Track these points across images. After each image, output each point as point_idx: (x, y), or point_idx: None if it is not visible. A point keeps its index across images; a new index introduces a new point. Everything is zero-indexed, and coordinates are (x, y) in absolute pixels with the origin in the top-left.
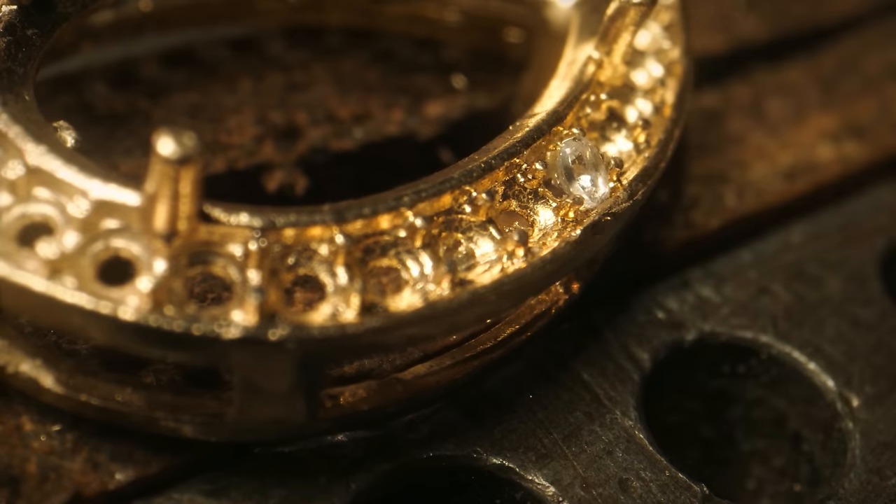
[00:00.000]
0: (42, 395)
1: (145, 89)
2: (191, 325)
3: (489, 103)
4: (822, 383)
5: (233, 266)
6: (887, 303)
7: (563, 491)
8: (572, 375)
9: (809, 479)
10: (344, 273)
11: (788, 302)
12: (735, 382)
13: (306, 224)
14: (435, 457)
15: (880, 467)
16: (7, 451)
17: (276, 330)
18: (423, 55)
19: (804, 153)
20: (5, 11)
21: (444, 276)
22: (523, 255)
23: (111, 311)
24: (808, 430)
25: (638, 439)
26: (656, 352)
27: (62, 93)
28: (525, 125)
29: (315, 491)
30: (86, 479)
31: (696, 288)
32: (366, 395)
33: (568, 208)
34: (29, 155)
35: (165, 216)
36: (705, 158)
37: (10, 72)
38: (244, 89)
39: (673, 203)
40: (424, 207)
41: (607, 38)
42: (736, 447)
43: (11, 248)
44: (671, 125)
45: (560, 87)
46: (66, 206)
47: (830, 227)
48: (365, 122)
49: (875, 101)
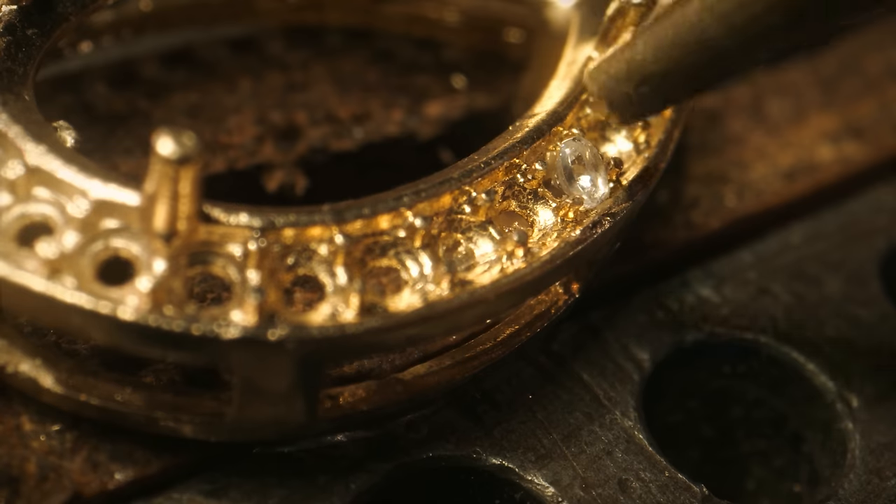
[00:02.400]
0: (42, 394)
1: (145, 89)
2: (190, 325)
3: (489, 103)
4: (821, 384)
5: (232, 266)
6: (887, 303)
7: (563, 491)
8: (572, 376)
9: (809, 480)
10: (343, 273)
11: (788, 302)
12: (735, 383)
13: (306, 224)
14: (434, 457)
15: (880, 468)
16: (6, 450)
17: (276, 330)
18: (423, 55)
19: (804, 153)
20: (5, 11)
21: (443, 277)
22: (523, 256)
23: (111, 310)
24: (808, 430)
25: (637, 440)
26: (656, 352)
27: (62, 93)
28: (525, 125)
29: (314, 491)
30: (85, 478)
31: (696, 288)
32: (365, 396)
33: (568, 208)
34: (29, 155)
35: (165, 216)
36: (705, 158)
37: (10, 71)
38: (244, 89)
39: (673, 203)
40: (424, 207)
41: (607, 39)
42: (736, 447)
43: (11, 247)
44: (671, 125)
45: (560, 88)
46: (66, 205)
47: (830, 228)
48: (365, 122)
49: (875, 102)
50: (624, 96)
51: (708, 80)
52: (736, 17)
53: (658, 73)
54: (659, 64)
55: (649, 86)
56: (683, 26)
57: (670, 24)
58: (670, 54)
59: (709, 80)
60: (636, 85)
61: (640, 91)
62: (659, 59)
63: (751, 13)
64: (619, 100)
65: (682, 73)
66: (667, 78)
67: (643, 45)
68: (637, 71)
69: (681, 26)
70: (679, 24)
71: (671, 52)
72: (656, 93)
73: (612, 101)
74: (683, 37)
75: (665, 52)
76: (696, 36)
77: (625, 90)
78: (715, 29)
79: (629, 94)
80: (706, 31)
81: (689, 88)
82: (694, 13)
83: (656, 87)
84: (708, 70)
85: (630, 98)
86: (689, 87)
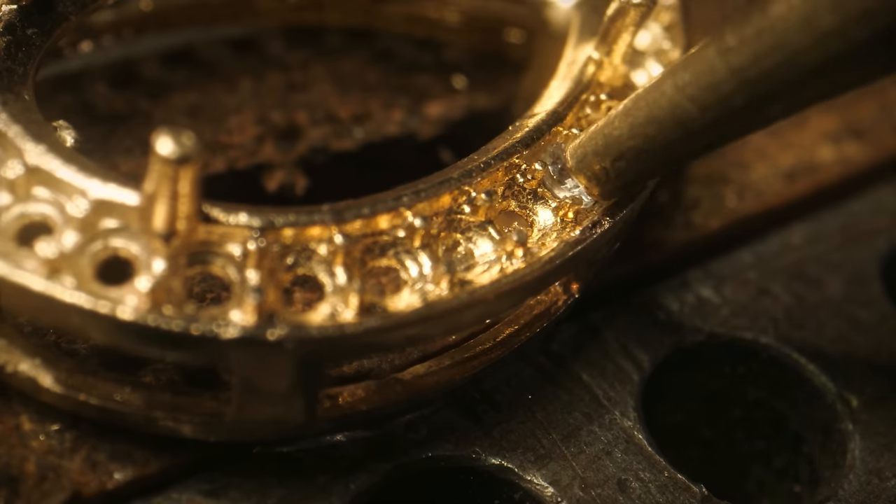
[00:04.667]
0: (41, 394)
1: (145, 89)
2: (189, 325)
3: (489, 103)
4: (822, 384)
5: (232, 266)
6: (888, 304)
7: (562, 491)
8: (571, 376)
9: (809, 480)
10: (343, 273)
11: (788, 303)
12: (735, 383)
13: (305, 224)
14: (434, 457)
15: (880, 468)
16: (6, 450)
17: (275, 330)
18: (423, 55)
19: (805, 154)
20: (5, 11)
21: (443, 277)
22: (522, 256)
23: (110, 310)
24: (808, 431)
25: (637, 440)
26: (656, 353)
27: (62, 92)
28: (525, 125)
29: (314, 491)
30: (84, 478)
31: (696, 289)
32: (365, 396)
33: (567, 208)
34: (28, 154)
35: (164, 216)
36: (705, 159)
37: (10, 71)
38: (244, 89)
39: (673, 203)
40: (423, 207)
41: (607, 39)
42: (736, 448)
43: (10, 247)
44: None
45: (560, 88)
46: (66, 205)
47: (831, 229)
48: (365, 122)
49: (875, 102)
50: (601, 171)
51: (683, 156)
52: (709, 99)
53: (634, 149)
54: (635, 140)
55: (626, 160)
56: (657, 104)
57: (645, 103)
58: (646, 131)
59: (684, 156)
60: (613, 160)
61: (616, 166)
62: (635, 135)
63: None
64: (596, 174)
65: (657, 149)
66: (642, 153)
67: (619, 122)
68: (614, 146)
69: (654, 105)
70: (653, 102)
71: (646, 129)
72: (633, 168)
73: (590, 176)
74: (657, 114)
75: (640, 128)
76: (670, 114)
77: (602, 165)
78: (687, 108)
79: (606, 168)
80: (678, 108)
81: (665, 163)
82: (668, 92)
83: (632, 162)
84: (682, 146)
85: (607, 172)
86: (665, 163)
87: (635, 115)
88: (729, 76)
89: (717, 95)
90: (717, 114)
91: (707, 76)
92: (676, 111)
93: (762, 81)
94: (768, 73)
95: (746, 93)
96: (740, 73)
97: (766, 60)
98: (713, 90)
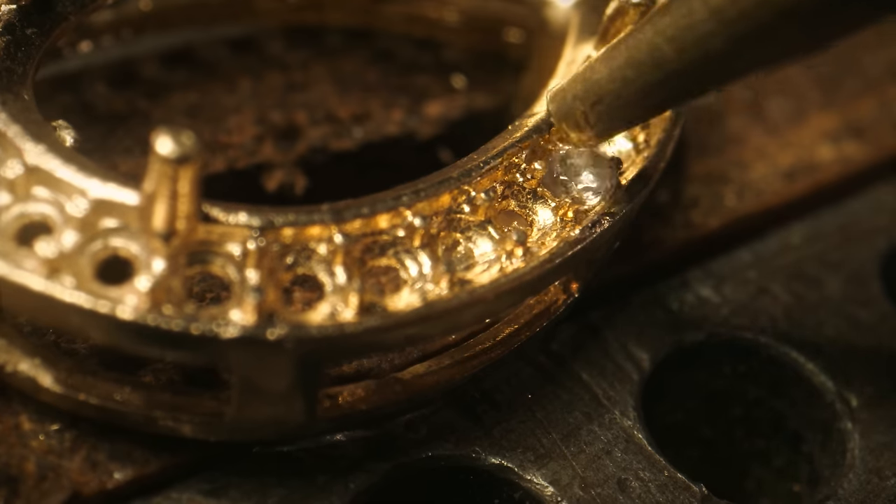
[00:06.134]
0: (40, 394)
1: (145, 89)
2: (189, 325)
3: (489, 103)
4: (821, 384)
5: (231, 265)
6: (887, 303)
7: (562, 491)
8: (571, 375)
9: (809, 480)
10: (342, 272)
11: (788, 302)
12: (735, 382)
13: (305, 223)
14: (434, 457)
15: (879, 468)
16: (5, 450)
17: (275, 329)
18: (423, 55)
19: (804, 153)
20: (5, 10)
21: (442, 276)
22: (522, 255)
23: (109, 310)
24: (808, 430)
25: (637, 439)
26: (656, 352)
27: (62, 92)
28: (524, 125)
29: (314, 490)
30: (84, 478)
31: (695, 288)
32: (364, 395)
33: (567, 208)
34: (28, 154)
35: (164, 215)
36: (705, 158)
37: (10, 71)
38: (244, 89)
39: (673, 203)
40: (423, 207)
41: (607, 38)
42: (736, 447)
43: (10, 247)
44: (671, 125)
45: None
46: (65, 205)
47: (830, 228)
48: (365, 122)
49: (875, 101)
50: (581, 115)
51: (661, 102)
52: (686, 40)
53: (612, 92)
54: (614, 83)
55: (605, 104)
56: (636, 48)
57: (625, 47)
58: (624, 74)
59: (661, 101)
60: (592, 103)
61: (595, 109)
62: (614, 78)
63: (698, 34)
64: (576, 119)
65: (635, 93)
66: (621, 97)
67: (599, 65)
68: (593, 90)
69: (633, 48)
70: (633, 46)
71: (625, 72)
72: (612, 111)
73: (569, 121)
74: (636, 57)
75: (619, 71)
76: (648, 56)
77: (580, 108)
78: (665, 50)
79: (584, 111)
80: (657, 51)
81: (645, 108)
82: (647, 36)
83: (611, 106)
84: (660, 90)
85: (586, 116)
86: (645, 107)
87: (615, 58)
88: (707, 16)
89: (694, 36)
90: (695, 55)
91: (686, 17)
92: (655, 53)
93: (740, 22)
94: (747, 15)
95: (725, 34)
96: (719, 13)
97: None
98: (691, 30)
